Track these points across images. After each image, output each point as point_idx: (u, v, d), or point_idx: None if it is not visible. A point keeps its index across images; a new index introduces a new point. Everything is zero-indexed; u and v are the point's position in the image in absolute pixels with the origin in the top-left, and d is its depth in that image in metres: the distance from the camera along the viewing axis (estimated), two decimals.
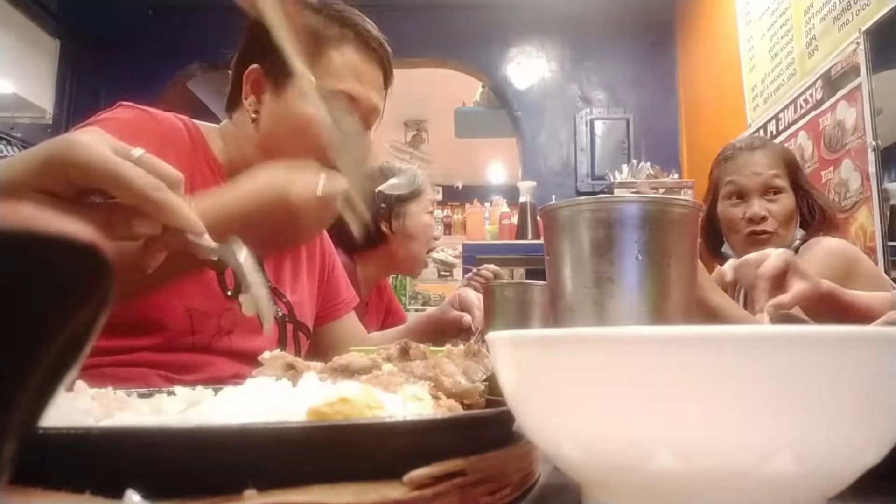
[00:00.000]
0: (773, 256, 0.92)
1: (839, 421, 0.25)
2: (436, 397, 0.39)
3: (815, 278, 0.91)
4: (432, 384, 0.40)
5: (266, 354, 0.47)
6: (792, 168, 1.39)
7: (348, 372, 0.44)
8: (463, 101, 4.06)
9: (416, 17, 3.40)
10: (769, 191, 1.35)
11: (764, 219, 1.34)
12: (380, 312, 1.83)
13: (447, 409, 0.37)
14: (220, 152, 0.99)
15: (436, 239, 1.85)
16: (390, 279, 2.10)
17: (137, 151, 0.50)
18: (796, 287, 0.90)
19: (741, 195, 1.37)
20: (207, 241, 0.55)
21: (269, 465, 0.28)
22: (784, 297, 0.90)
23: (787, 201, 1.36)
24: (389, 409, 0.34)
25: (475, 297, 1.18)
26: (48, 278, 0.14)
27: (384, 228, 1.65)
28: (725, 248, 1.46)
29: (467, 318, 1.16)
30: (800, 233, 1.39)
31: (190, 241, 0.53)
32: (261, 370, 0.46)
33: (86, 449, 0.27)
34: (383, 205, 1.66)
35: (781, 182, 1.35)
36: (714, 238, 1.47)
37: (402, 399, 0.36)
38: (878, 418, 0.26)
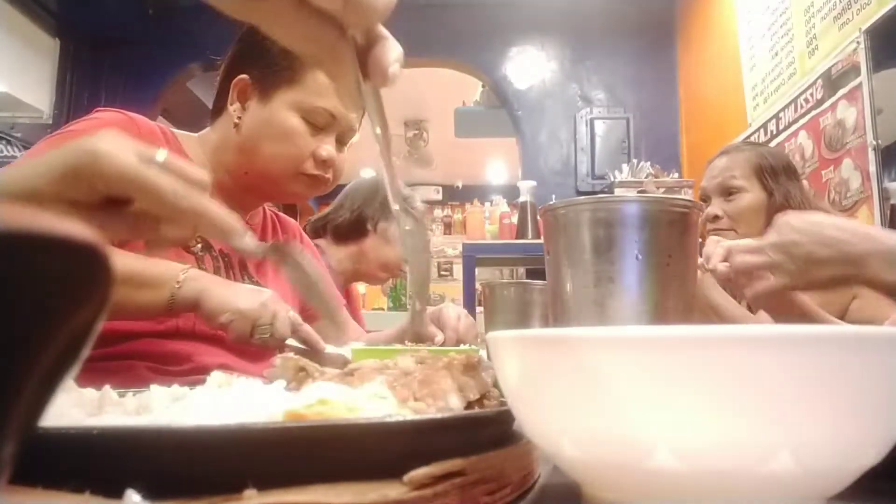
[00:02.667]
0: (715, 253, 0.92)
1: (839, 421, 0.25)
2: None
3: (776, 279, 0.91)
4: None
5: (278, 359, 0.47)
6: (761, 171, 1.45)
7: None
8: (463, 101, 4.06)
9: (416, 16, 3.40)
10: (726, 191, 1.45)
11: (717, 218, 1.43)
12: None
13: (413, 410, 0.37)
14: (196, 158, 1.02)
15: (405, 261, 1.94)
16: (390, 285, 2.21)
17: (161, 154, 0.48)
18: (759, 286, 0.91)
19: (705, 198, 1.49)
20: (250, 242, 0.52)
21: (269, 465, 0.28)
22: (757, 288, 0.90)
23: (745, 200, 1.43)
24: (369, 410, 0.34)
25: (455, 316, 1.16)
26: (48, 278, 0.14)
27: (369, 225, 1.76)
28: None
29: (440, 338, 1.15)
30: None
31: (231, 244, 0.51)
32: (271, 372, 0.46)
33: (86, 449, 0.27)
34: (378, 205, 1.76)
35: (739, 182, 1.43)
36: None
37: (364, 397, 0.36)
38: (877, 418, 0.26)
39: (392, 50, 0.38)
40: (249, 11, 0.34)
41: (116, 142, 0.47)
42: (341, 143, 1.05)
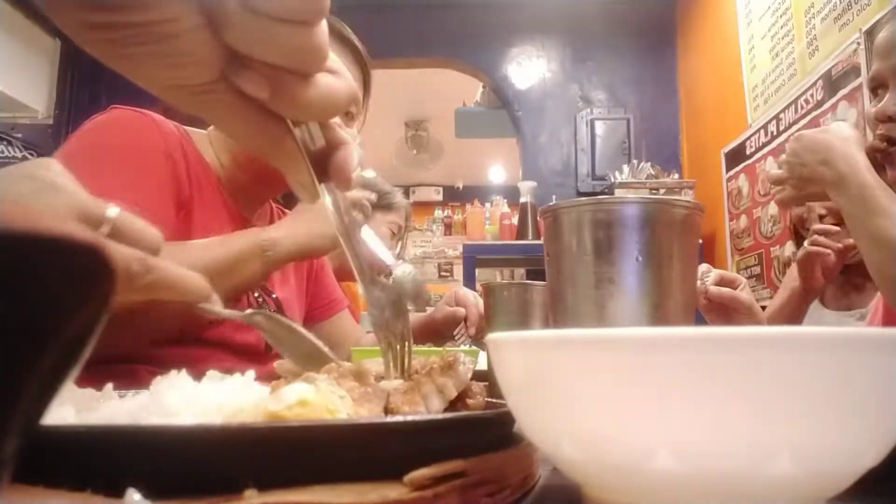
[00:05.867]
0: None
1: (839, 421, 0.25)
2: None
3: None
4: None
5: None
6: None
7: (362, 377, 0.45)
8: (463, 101, 4.05)
9: (416, 17, 3.40)
10: None
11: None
12: None
13: (369, 409, 0.37)
14: (208, 155, 1.02)
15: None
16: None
17: (112, 211, 0.43)
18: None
19: (880, 85, 1.06)
20: (217, 303, 0.48)
21: (269, 465, 0.28)
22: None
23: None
24: (347, 411, 0.34)
25: (472, 295, 1.19)
26: (48, 278, 0.14)
27: None
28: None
29: (461, 310, 1.16)
30: None
31: (196, 308, 0.47)
32: (282, 362, 0.46)
33: (87, 448, 0.27)
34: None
35: None
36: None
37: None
38: (877, 419, 0.26)
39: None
40: (195, 104, 0.34)
41: (57, 207, 0.42)
42: (348, 116, 1.06)
